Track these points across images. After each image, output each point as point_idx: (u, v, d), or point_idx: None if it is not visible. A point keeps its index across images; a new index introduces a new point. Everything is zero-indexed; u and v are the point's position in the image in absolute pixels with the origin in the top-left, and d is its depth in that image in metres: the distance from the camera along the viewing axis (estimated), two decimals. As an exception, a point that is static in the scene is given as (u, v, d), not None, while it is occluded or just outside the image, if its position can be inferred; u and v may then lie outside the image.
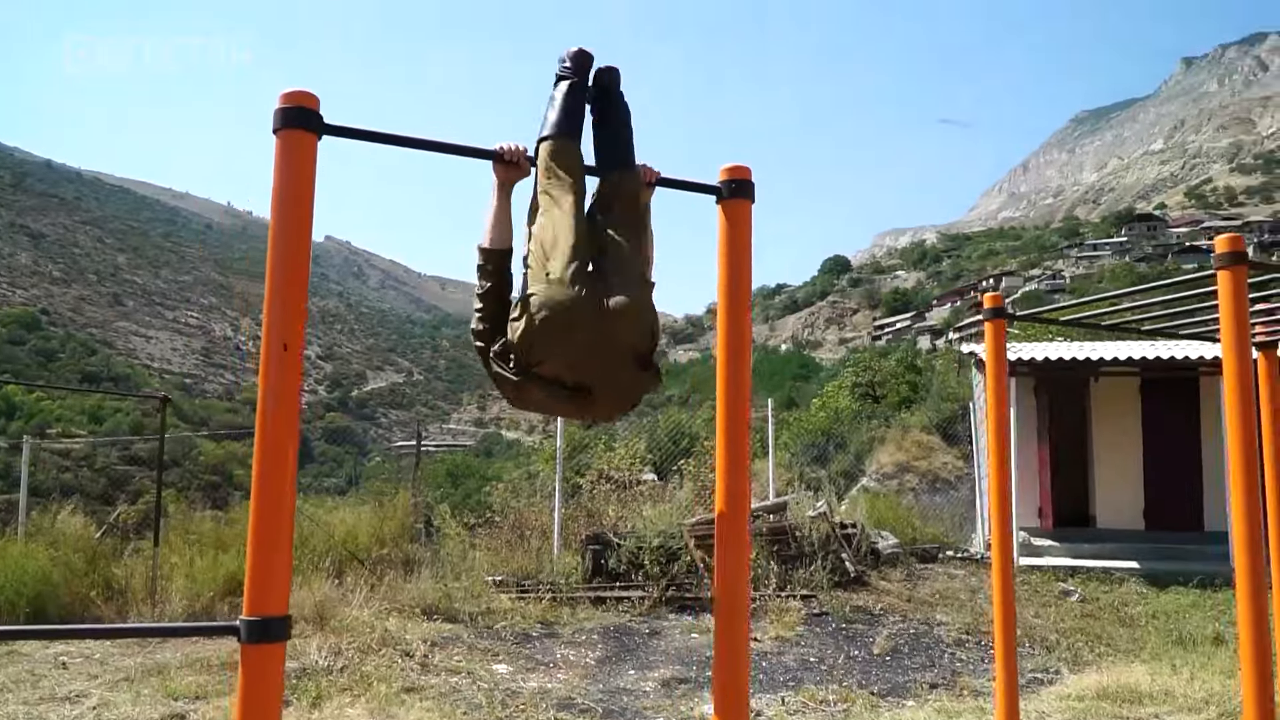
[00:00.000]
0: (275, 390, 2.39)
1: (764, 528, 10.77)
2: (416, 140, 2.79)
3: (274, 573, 2.38)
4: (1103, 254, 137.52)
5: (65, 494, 19.98)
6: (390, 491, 12.24)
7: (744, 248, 2.99)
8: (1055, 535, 13.37)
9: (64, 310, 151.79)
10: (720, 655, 2.80)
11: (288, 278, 2.44)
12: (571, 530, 11.29)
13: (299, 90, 2.49)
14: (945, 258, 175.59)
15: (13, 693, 6.26)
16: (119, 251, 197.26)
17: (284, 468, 2.40)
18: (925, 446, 20.09)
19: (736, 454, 2.89)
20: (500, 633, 8.57)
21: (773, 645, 8.39)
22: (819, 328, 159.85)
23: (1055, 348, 14.22)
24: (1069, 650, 8.27)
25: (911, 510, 14.32)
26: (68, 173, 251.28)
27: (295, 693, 6.36)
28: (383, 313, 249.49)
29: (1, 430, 68.57)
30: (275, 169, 2.47)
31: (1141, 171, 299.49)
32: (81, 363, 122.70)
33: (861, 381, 30.49)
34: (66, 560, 9.04)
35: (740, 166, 3.02)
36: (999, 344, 5.08)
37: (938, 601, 10.13)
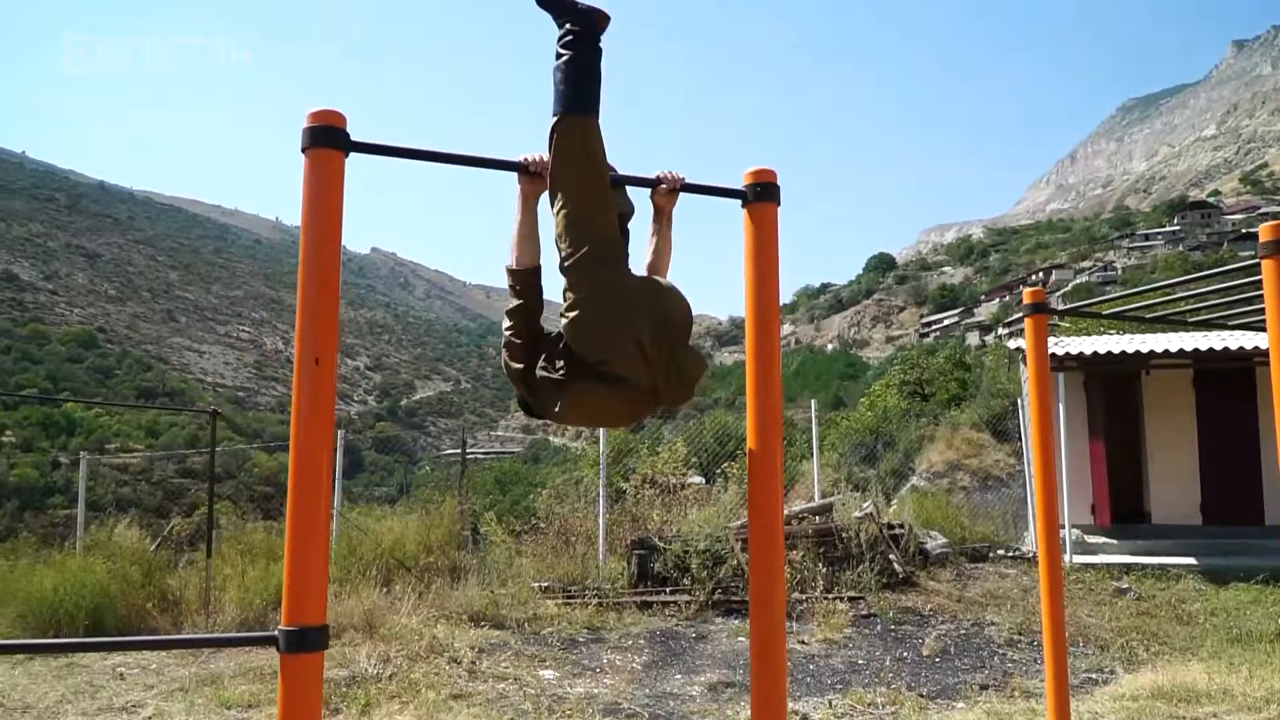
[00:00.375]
0: (308, 404, 2.43)
1: (810, 529, 10.72)
2: (441, 155, 2.82)
3: (310, 584, 2.41)
4: (1155, 244, 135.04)
5: (123, 507, 20.43)
6: (437, 499, 12.35)
7: (771, 251, 2.99)
8: (1109, 532, 13.14)
9: (120, 328, 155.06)
10: (757, 662, 2.79)
11: (318, 293, 2.48)
12: (616, 535, 11.31)
13: (326, 109, 2.53)
14: (993, 252, 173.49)
15: (72, 704, 6.41)
16: (171, 269, 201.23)
17: (319, 480, 2.44)
18: (976, 444, 19.84)
19: (768, 460, 2.89)
20: (547, 639, 8.61)
21: (820, 648, 8.34)
22: (865, 326, 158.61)
23: (1105, 341, 13.97)
24: (1124, 649, 8.13)
25: (961, 509, 14.14)
26: (120, 193, 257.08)
27: (345, 700, 6.44)
28: (429, 322, 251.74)
29: (63, 446, 70.29)
30: (304, 187, 2.51)
31: (1194, 159, 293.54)
32: (138, 379, 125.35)
33: (909, 379, 30.24)
34: (123, 573, 9.24)
35: (765, 170, 3.02)
36: (1040, 339, 5.02)
37: (988, 601, 10.00)
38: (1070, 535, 12.10)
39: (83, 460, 12.95)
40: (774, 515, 2.86)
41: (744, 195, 3.00)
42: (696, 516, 11.22)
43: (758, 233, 2.98)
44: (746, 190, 2.99)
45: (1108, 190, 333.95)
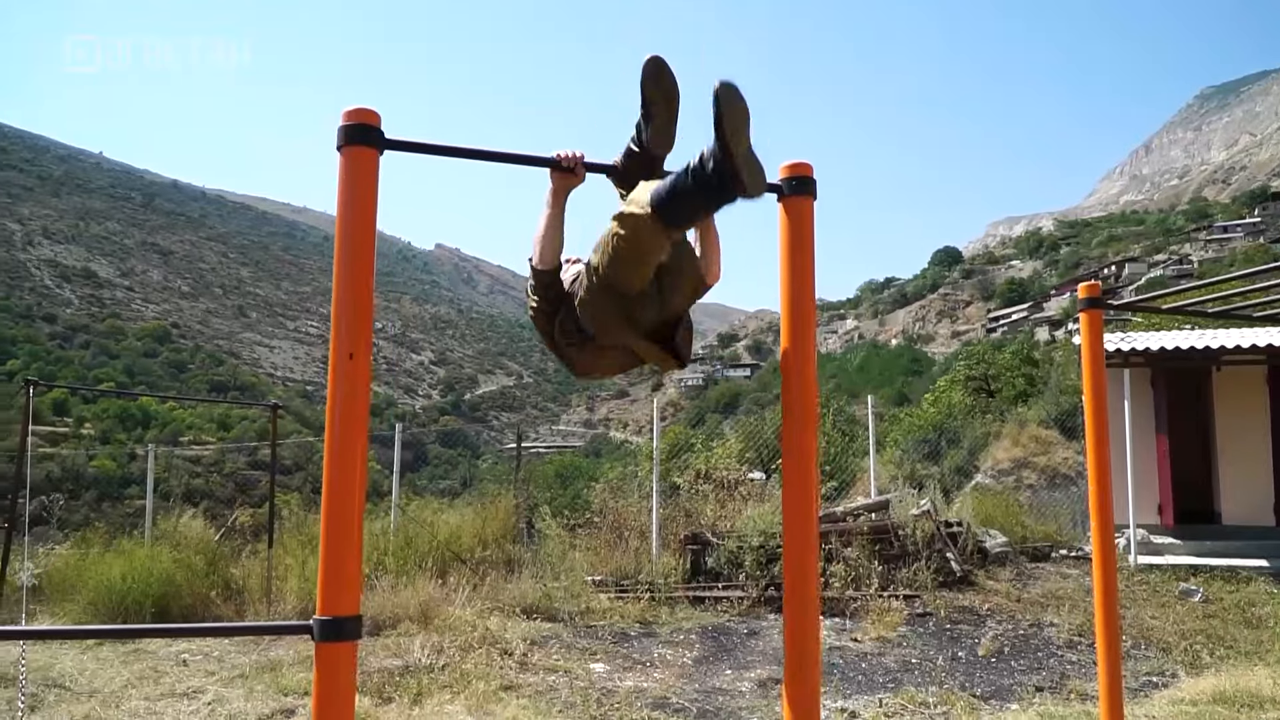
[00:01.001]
0: (343, 398, 2.47)
1: (865, 526, 10.62)
2: (475, 151, 2.84)
3: (345, 575, 2.45)
4: (1234, 236, 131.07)
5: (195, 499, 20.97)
6: (495, 493, 12.48)
7: (807, 246, 2.96)
8: (1176, 533, 12.81)
9: (193, 323, 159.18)
10: (791, 659, 2.78)
11: (354, 289, 2.51)
12: (670, 530, 11.32)
13: (361, 108, 2.56)
14: (1063, 245, 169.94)
15: (136, 689, 6.61)
16: (242, 265, 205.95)
17: (352, 474, 2.48)
18: (1043, 441, 19.46)
19: (803, 460, 2.87)
20: (598, 632, 8.66)
21: (873, 646, 8.27)
22: (930, 321, 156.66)
23: (1173, 337, 13.61)
24: (1187, 653, 7.93)
25: (1023, 508, 13.90)
26: (193, 192, 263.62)
27: (398, 689, 6.55)
28: (492, 318, 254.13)
29: (139, 439, 72.33)
30: (340, 185, 2.55)
31: (1276, 148, 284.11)
32: (210, 373, 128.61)
33: (975, 375, 29.81)
34: (188, 562, 9.49)
35: (801, 163, 2.99)
36: (1095, 334, 4.90)
37: (1048, 602, 9.81)
38: (1135, 535, 11.82)
39: (150, 452, 13.31)
40: (809, 515, 2.85)
41: (779, 189, 2.97)
42: (751, 513, 11.18)
43: (794, 227, 2.95)
44: (782, 184, 2.97)
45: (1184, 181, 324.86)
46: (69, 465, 55.31)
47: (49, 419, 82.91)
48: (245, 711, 5.98)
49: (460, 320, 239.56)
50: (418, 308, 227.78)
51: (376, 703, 6.30)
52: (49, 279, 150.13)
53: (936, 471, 18.80)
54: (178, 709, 6.10)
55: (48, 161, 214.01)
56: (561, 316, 2.98)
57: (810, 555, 2.86)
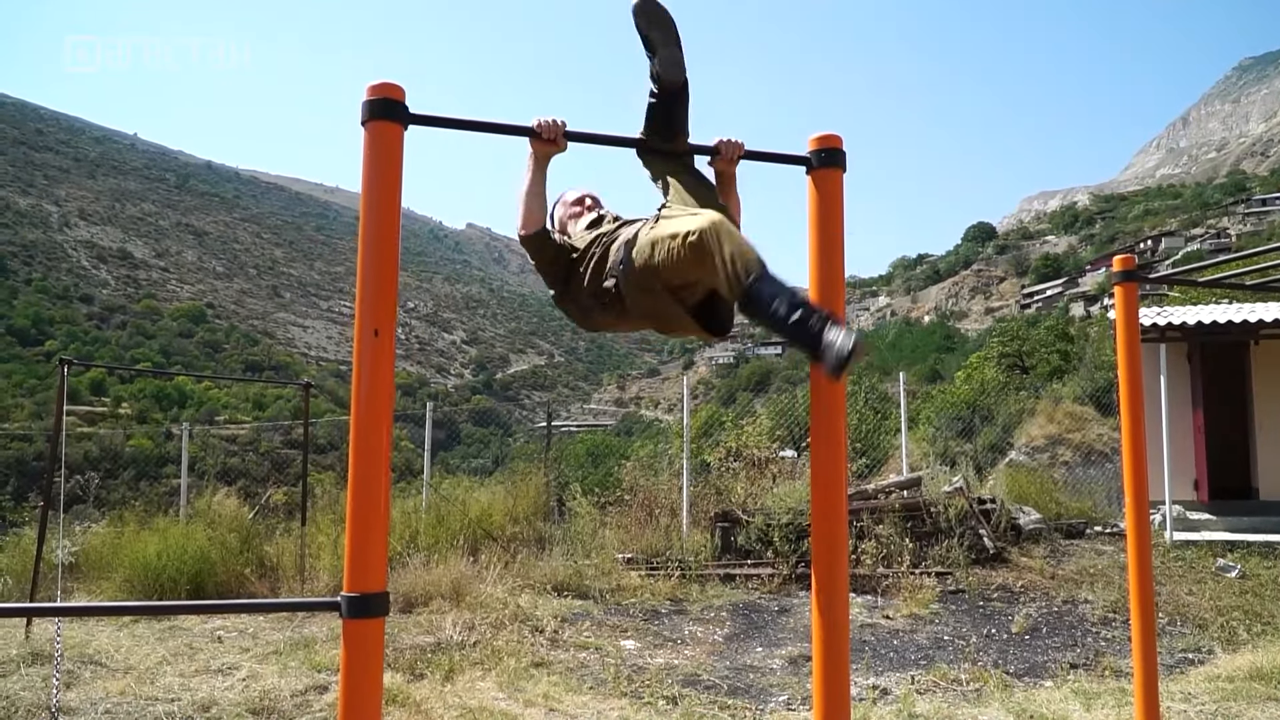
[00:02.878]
0: (369, 376, 2.46)
1: (897, 503, 10.56)
2: (495, 125, 2.84)
3: (372, 551, 2.44)
4: (1273, 210, 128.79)
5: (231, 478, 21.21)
6: (526, 471, 12.52)
7: (836, 220, 2.91)
8: (1213, 509, 12.65)
9: (228, 304, 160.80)
10: (820, 635, 2.76)
11: (379, 265, 2.50)
12: (700, 508, 11.31)
13: (385, 83, 2.54)
14: (1099, 220, 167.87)
15: (171, 665, 6.69)
16: (276, 246, 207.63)
17: (379, 450, 2.47)
18: (1078, 418, 19.25)
19: (832, 437, 2.84)
20: (629, 609, 8.68)
21: (905, 623, 8.23)
22: (964, 298, 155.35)
23: (1210, 310, 13.39)
24: (1224, 629, 7.84)
25: (1058, 485, 13.77)
26: (227, 173, 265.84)
27: (429, 666, 6.60)
28: (523, 297, 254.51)
29: (175, 419, 73.27)
30: (364, 160, 2.54)
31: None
32: (245, 353, 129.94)
33: (1009, 352, 29.57)
34: (223, 540, 9.60)
35: (830, 135, 2.94)
36: (1131, 308, 4.81)
37: (1083, 579, 9.72)
38: (1171, 512, 11.67)
39: (184, 431, 13.47)
40: (838, 491, 2.82)
41: (808, 161, 2.92)
42: (780, 490, 11.15)
43: (822, 201, 2.91)
44: (811, 156, 2.92)
45: (1222, 154, 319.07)
46: (106, 444, 56.13)
47: (86, 399, 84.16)
48: (279, 688, 6.04)
49: (492, 300, 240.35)
50: (449, 287, 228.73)
51: (409, 679, 6.34)
52: (85, 260, 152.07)
53: (970, 449, 18.66)
54: (212, 685, 6.17)
55: (83, 143, 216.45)
56: (594, 281, 2.95)
57: (840, 531, 2.83)
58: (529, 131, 2.92)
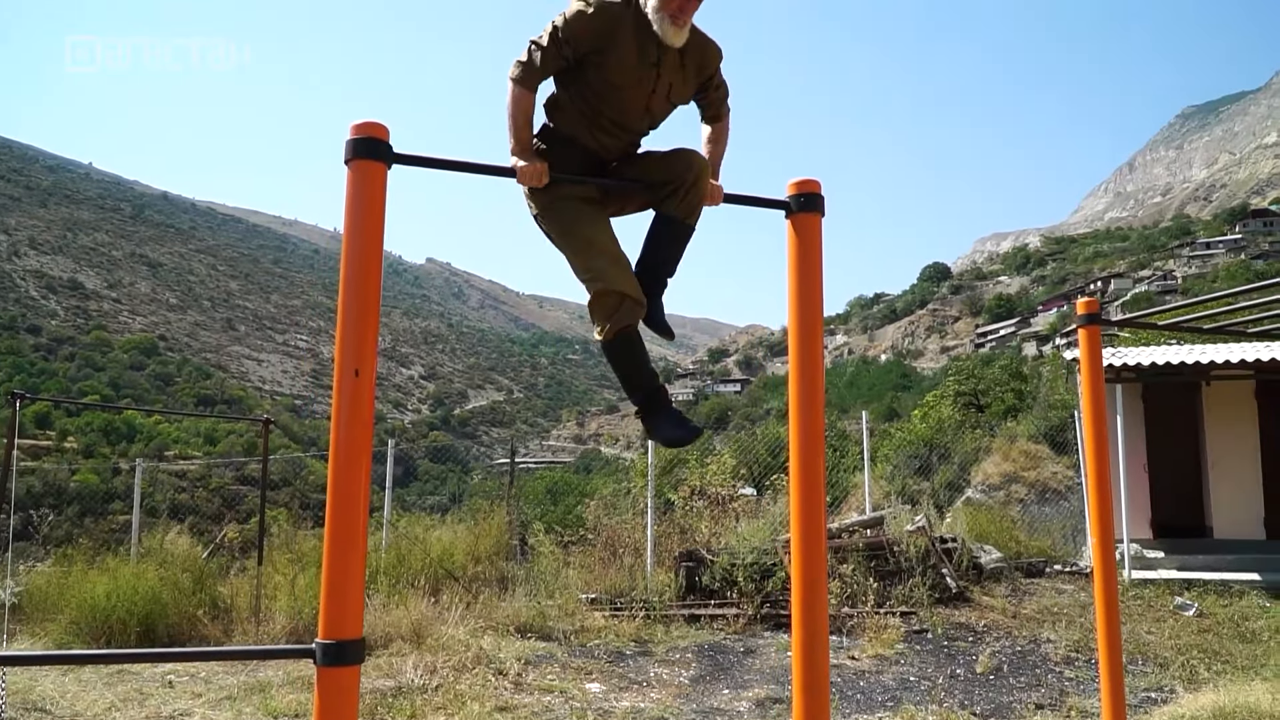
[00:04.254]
0: (348, 416, 2.43)
1: (860, 542, 10.57)
2: (481, 166, 2.83)
3: (349, 596, 2.39)
4: (1216, 253, 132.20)
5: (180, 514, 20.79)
6: (488, 509, 12.39)
7: (815, 263, 2.94)
8: (1169, 547, 12.81)
9: (181, 336, 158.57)
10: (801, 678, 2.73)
11: (360, 305, 2.47)
12: (664, 547, 11.25)
13: (369, 122, 2.53)
14: (1050, 261, 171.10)
15: (120, 711, 6.49)
16: (231, 278, 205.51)
17: (357, 492, 2.43)
18: (1033, 456, 19.47)
19: (811, 476, 2.84)
20: (593, 651, 8.58)
21: (871, 664, 8.21)
22: (919, 336, 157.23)
23: (1164, 352, 13.65)
24: (1184, 668, 7.90)
25: (1016, 523, 13.88)
26: (183, 203, 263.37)
27: (390, 711, 6.46)
28: (483, 332, 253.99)
29: (123, 453, 71.85)
30: (347, 199, 2.51)
31: (1255, 166, 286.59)
32: (197, 386, 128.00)
33: (965, 390, 29.84)
34: (175, 580, 9.35)
35: (809, 180, 2.97)
36: (1094, 351, 4.89)
37: (1044, 618, 9.78)
38: (1129, 550, 11.81)
39: (139, 467, 13.17)
40: (817, 532, 2.80)
41: (788, 206, 2.95)
42: (744, 529, 11.12)
43: (802, 244, 2.93)
44: (790, 201, 2.95)
45: (1167, 198, 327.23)
46: (51, 480, 54.89)
47: (31, 432, 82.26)
48: (236, 733, 5.89)
49: (451, 335, 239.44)
50: (408, 322, 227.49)
51: (370, 723, 6.21)
52: (34, 290, 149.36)
53: (928, 487, 18.79)
54: (166, 731, 6.00)
55: (36, 172, 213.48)
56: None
57: (820, 572, 2.82)
58: (512, 173, 2.93)
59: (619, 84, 3.08)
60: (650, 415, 3.24)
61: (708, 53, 3.25)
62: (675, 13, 3.00)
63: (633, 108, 3.15)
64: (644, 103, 3.15)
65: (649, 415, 3.25)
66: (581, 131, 3.20)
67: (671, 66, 3.14)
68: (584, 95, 3.14)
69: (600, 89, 3.10)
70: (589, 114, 3.17)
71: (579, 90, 3.15)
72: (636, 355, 3.22)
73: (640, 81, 3.10)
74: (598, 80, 3.09)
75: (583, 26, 3.01)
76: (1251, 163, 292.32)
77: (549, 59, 3.04)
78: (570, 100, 3.18)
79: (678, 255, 3.26)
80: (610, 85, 3.09)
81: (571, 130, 3.22)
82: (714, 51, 3.26)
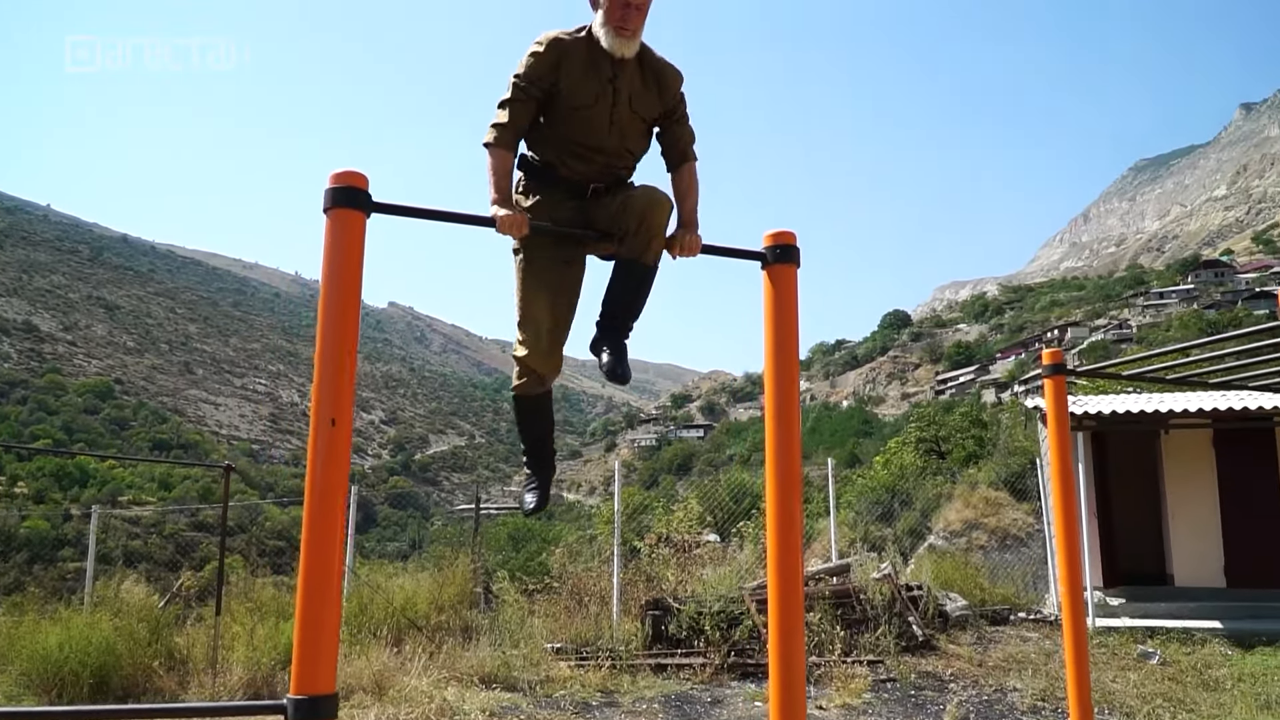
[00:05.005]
0: (323, 466, 2.40)
1: (827, 590, 10.56)
2: (459, 215, 2.85)
3: (323, 650, 2.35)
4: (1170, 302, 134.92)
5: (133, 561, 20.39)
6: (450, 556, 12.23)
7: (790, 313, 2.97)
8: (1132, 595, 12.92)
9: (137, 379, 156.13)
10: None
11: (337, 354, 2.45)
12: (631, 595, 11.15)
13: (348, 171, 2.53)
14: (1008, 309, 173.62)
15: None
16: (190, 321, 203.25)
17: (332, 544, 2.39)
18: (994, 503, 19.60)
19: (788, 523, 2.84)
20: (559, 702, 8.45)
21: (839, 713, 8.16)
22: (881, 383, 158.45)
23: (1123, 400, 13.86)
24: (1150, 717, 7.93)
25: (980, 570, 13.94)
26: (143, 246, 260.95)
27: (353, 765, 6.31)
28: (445, 377, 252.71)
29: (75, 498, 70.36)
30: (325, 247, 2.51)
31: (1205, 218, 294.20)
32: (152, 430, 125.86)
33: (926, 437, 30.09)
34: (130, 630, 9.10)
35: (785, 232, 3.01)
36: (1060, 400, 4.96)
37: (1010, 666, 9.79)
38: (1092, 598, 11.89)
39: (94, 514, 12.88)
40: (795, 587, 2.80)
41: (763, 257, 2.99)
42: (711, 577, 11.07)
43: (778, 295, 2.96)
44: (766, 252, 2.99)
45: (1121, 249, 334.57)
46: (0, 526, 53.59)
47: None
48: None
49: (412, 379, 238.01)
50: (369, 366, 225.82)
51: (331, 778, 6.05)
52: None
53: (890, 533, 18.84)
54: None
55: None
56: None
57: (797, 621, 2.81)
58: (491, 223, 2.95)
59: (580, 105, 3.23)
60: (530, 485, 3.65)
61: (667, 73, 3.39)
62: (619, 23, 3.17)
63: (598, 126, 3.28)
64: (607, 118, 3.27)
65: (529, 485, 3.66)
66: (556, 160, 3.35)
67: (628, 80, 3.29)
68: (553, 123, 3.30)
69: (565, 114, 3.25)
70: (560, 141, 3.31)
71: (549, 120, 3.30)
72: (530, 425, 3.64)
73: (599, 99, 3.25)
74: (563, 106, 3.24)
75: (538, 63, 3.20)
76: (1202, 214, 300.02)
77: (519, 110, 3.22)
78: (544, 130, 3.33)
79: (634, 297, 3.30)
80: (572, 108, 3.24)
81: (547, 159, 3.37)
82: (673, 73, 3.41)
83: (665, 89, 3.38)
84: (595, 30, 3.23)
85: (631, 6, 3.16)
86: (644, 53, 3.32)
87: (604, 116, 3.26)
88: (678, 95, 3.43)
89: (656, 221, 3.17)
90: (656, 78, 3.35)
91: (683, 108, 3.45)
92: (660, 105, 3.38)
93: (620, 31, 3.18)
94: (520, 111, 3.22)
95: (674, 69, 3.40)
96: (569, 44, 3.23)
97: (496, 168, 3.14)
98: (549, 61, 3.20)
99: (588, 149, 3.30)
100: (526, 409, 3.60)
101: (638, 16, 3.18)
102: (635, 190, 3.27)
